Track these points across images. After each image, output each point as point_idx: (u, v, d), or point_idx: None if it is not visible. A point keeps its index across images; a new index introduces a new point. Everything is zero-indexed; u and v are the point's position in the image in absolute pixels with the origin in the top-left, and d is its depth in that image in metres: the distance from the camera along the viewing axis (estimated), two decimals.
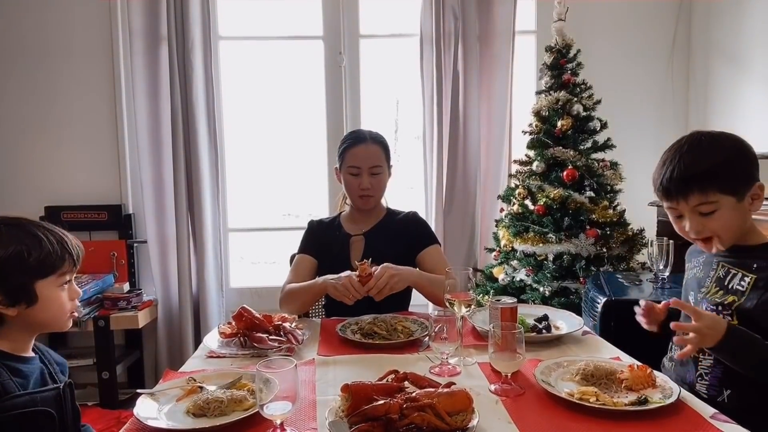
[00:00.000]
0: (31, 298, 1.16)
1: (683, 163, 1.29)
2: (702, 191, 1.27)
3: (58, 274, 1.20)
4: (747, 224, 1.35)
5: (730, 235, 1.32)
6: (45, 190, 3.21)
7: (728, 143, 1.32)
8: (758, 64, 2.82)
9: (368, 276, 1.68)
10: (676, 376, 1.41)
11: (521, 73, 3.23)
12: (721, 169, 1.27)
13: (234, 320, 1.59)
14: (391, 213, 2.09)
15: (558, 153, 2.72)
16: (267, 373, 1.04)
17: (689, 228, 1.34)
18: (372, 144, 1.97)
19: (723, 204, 1.28)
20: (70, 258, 1.21)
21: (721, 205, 1.28)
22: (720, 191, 1.27)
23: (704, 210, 1.29)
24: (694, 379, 1.38)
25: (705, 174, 1.27)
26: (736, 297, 1.32)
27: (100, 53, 3.18)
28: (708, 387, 1.35)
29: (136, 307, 2.99)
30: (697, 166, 1.28)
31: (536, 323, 1.60)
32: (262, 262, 3.72)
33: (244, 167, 3.42)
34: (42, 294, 1.18)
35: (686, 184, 1.29)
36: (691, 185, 1.28)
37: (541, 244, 2.65)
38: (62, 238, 1.22)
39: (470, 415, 1.06)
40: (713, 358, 1.33)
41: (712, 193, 1.27)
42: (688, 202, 1.30)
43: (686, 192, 1.29)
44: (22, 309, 1.16)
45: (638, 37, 3.31)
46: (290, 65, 3.40)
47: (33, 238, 1.17)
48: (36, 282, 1.17)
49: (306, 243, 2.06)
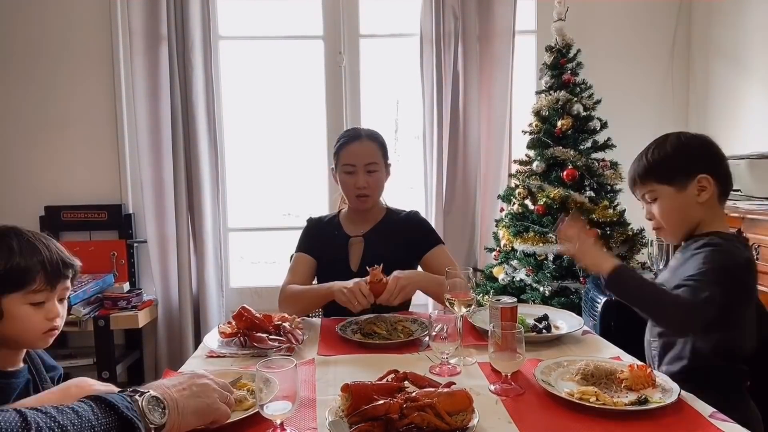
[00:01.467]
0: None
1: (637, 161, 1.52)
2: (642, 181, 1.48)
3: (25, 292, 1.12)
4: (696, 217, 1.44)
5: (672, 223, 1.46)
6: (45, 190, 3.21)
7: (673, 139, 1.47)
8: (758, 64, 2.82)
9: (379, 282, 1.63)
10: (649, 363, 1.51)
11: (521, 73, 3.23)
12: (653, 160, 1.46)
13: (234, 320, 1.59)
14: (392, 213, 2.04)
15: (558, 153, 2.72)
16: (267, 373, 1.04)
17: (645, 216, 1.53)
18: (367, 141, 1.91)
19: (660, 192, 1.45)
20: (45, 276, 1.14)
21: (659, 194, 1.45)
22: (655, 180, 1.45)
23: (649, 198, 1.49)
24: (652, 362, 1.50)
25: (642, 166, 1.48)
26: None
27: (100, 53, 3.18)
28: (657, 366, 1.47)
29: (136, 306, 2.99)
30: (641, 162, 1.49)
31: (536, 323, 1.60)
32: (262, 261, 3.72)
33: (244, 167, 3.42)
34: (7, 310, 1.12)
35: (632, 177, 1.52)
36: (634, 177, 1.51)
37: (541, 243, 2.65)
38: (45, 255, 1.14)
39: (470, 415, 1.06)
40: (657, 338, 1.49)
41: (649, 182, 1.46)
42: (637, 193, 1.53)
43: (633, 184, 1.53)
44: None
45: (638, 37, 3.31)
46: (290, 65, 3.40)
47: (6, 251, 1.10)
48: (1, 296, 1.11)
49: (304, 242, 2.02)
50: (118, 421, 0.86)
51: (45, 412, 0.81)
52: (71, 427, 0.81)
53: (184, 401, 0.97)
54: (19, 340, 1.18)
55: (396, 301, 1.64)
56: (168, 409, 0.94)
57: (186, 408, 0.97)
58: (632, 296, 1.36)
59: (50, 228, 3.18)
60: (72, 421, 0.81)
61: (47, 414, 0.81)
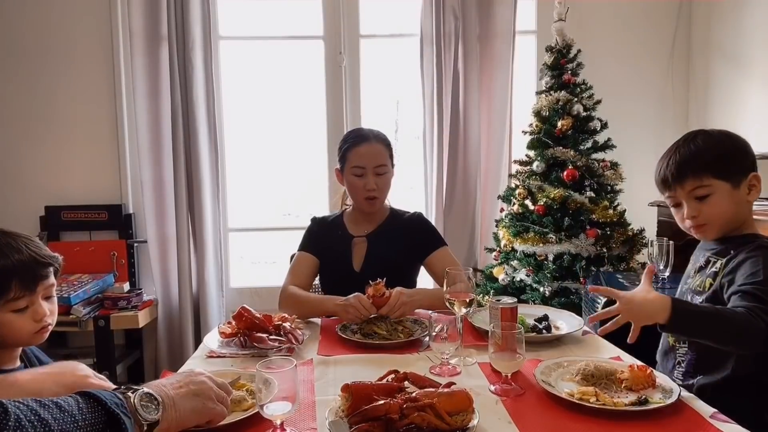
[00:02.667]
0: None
1: (679, 153, 1.38)
2: (696, 176, 1.35)
3: (3, 302, 1.10)
4: (742, 216, 1.38)
5: (722, 222, 1.37)
6: (45, 190, 3.21)
7: (721, 135, 1.39)
8: (758, 64, 2.82)
9: (381, 296, 1.63)
10: (661, 369, 1.46)
11: (521, 73, 3.23)
12: (713, 155, 1.35)
13: (234, 320, 1.59)
14: (395, 214, 2.04)
15: (558, 153, 2.72)
16: (267, 373, 1.04)
17: (686, 213, 1.39)
18: (376, 143, 1.91)
19: (717, 188, 1.34)
20: (21, 282, 1.11)
21: (715, 190, 1.34)
22: (714, 176, 1.34)
23: (699, 194, 1.35)
24: (673, 367, 1.43)
25: (699, 159, 1.35)
26: (712, 280, 1.37)
27: (100, 53, 3.18)
28: (683, 374, 1.40)
29: (136, 306, 2.99)
30: (691, 154, 1.36)
31: (536, 323, 1.60)
32: (262, 261, 3.72)
33: (244, 167, 3.42)
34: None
35: (682, 170, 1.36)
36: (686, 171, 1.36)
37: (541, 244, 2.65)
38: (16, 259, 1.10)
39: (470, 415, 1.06)
40: (687, 345, 1.39)
41: (706, 177, 1.34)
42: (684, 188, 1.37)
43: (682, 178, 1.36)
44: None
45: (638, 37, 3.31)
46: (290, 65, 3.40)
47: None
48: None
49: (307, 241, 2.02)
50: (105, 416, 0.84)
51: (27, 404, 0.80)
52: (53, 421, 0.79)
53: (180, 399, 0.96)
54: (10, 342, 1.17)
55: (395, 315, 1.64)
56: (163, 405, 0.93)
57: (182, 406, 0.96)
58: (698, 330, 1.24)
59: (50, 228, 3.18)
60: (54, 416, 0.80)
61: (29, 407, 0.79)
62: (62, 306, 2.79)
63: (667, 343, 1.48)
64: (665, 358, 1.49)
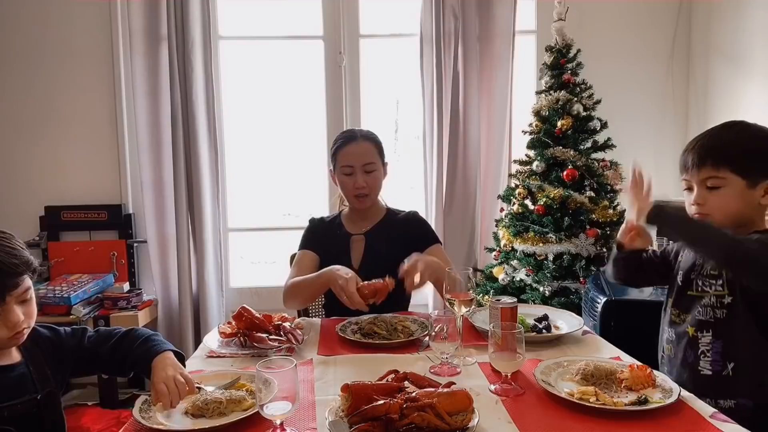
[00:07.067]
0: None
1: (707, 137, 1.38)
2: (715, 166, 1.34)
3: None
4: (749, 217, 1.37)
5: (725, 216, 1.36)
6: (45, 190, 3.21)
7: (759, 133, 1.37)
8: (758, 64, 2.81)
9: (372, 292, 1.62)
10: (677, 362, 1.44)
11: (521, 73, 3.22)
12: (739, 150, 1.34)
13: (234, 320, 1.59)
14: (392, 213, 2.08)
15: (558, 153, 2.72)
16: (267, 373, 1.04)
17: (693, 199, 1.39)
18: (363, 141, 1.95)
19: (731, 183, 1.34)
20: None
21: (728, 183, 1.34)
22: (732, 170, 1.33)
23: (711, 184, 1.36)
24: (696, 358, 1.39)
25: (723, 151, 1.34)
26: None
27: (100, 53, 3.18)
28: (711, 363, 1.37)
29: (136, 306, 2.99)
30: (717, 142, 1.36)
31: (536, 323, 1.60)
32: (262, 261, 3.72)
33: (244, 167, 3.42)
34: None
35: (703, 157, 1.36)
36: (706, 159, 1.36)
37: (541, 244, 2.65)
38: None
39: (470, 415, 1.06)
40: (711, 334, 1.37)
41: (723, 169, 1.34)
42: (699, 174, 1.37)
43: (701, 163, 1.36)
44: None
45: (638, 37, 3.30)
46: (290, 65, 3.40)
47: None
48: None
49: (307, 240, 2.05)
50: None
51: None
52: None
53: None
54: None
55: (420, 282, 1.63)
56: None
57: None
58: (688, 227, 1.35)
59: (50, 228, 3.18)
60: None
61: None
62: (62, 306, 2.80)
63: (686, 334, 1.43)
64: (684, 350, 1.44)
